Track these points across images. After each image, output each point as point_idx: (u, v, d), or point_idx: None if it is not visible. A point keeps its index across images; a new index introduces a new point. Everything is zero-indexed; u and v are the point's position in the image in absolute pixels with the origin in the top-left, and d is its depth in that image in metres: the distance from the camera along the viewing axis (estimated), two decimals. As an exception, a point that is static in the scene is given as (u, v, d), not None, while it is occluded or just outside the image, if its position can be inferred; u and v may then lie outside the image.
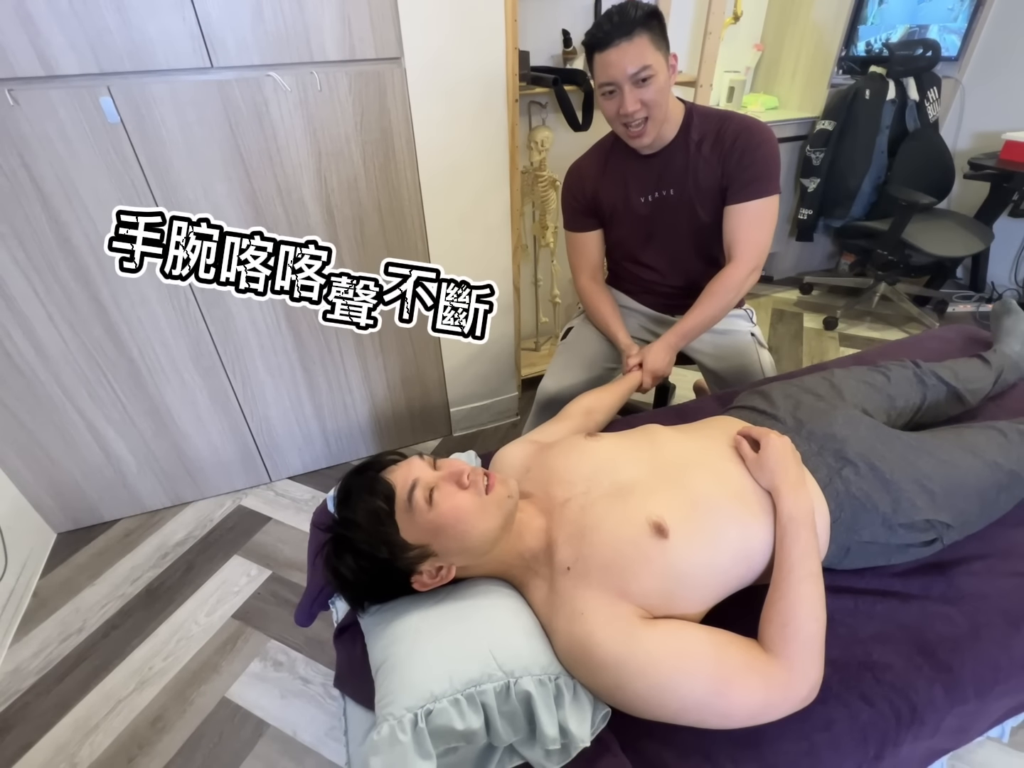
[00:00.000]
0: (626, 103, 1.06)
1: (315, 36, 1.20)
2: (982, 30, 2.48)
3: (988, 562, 0.85)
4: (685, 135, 1.17)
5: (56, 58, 1.07)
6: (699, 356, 1.39)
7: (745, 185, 1.14)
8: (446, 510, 0.68)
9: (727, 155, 1.14)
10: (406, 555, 0.68)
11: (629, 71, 1.03)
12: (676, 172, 1.20)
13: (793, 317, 2.65)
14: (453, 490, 0.69)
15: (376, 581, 0.71)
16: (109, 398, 1.45)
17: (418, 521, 0.67)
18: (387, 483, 0.70)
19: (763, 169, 1.14)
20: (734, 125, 1.14)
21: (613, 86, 1.06)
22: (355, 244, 1.47)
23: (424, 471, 0.71)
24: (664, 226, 1.27)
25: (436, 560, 0.70)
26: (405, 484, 0.69)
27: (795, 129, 2.50)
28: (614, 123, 1.14)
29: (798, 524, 0.72)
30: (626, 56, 1.02)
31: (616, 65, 1.03)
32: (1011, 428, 0.94)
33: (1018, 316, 1.30)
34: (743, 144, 1.13)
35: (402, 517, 0.68)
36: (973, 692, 0.72)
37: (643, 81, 1.04)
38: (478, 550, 0.71)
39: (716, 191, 1.18)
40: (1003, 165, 2.27)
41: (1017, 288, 2.58)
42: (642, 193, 1.24)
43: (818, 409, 0.92)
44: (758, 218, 1.17)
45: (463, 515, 0.68)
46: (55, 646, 1.33)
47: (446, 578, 0.71)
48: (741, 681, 0.62)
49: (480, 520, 0.69)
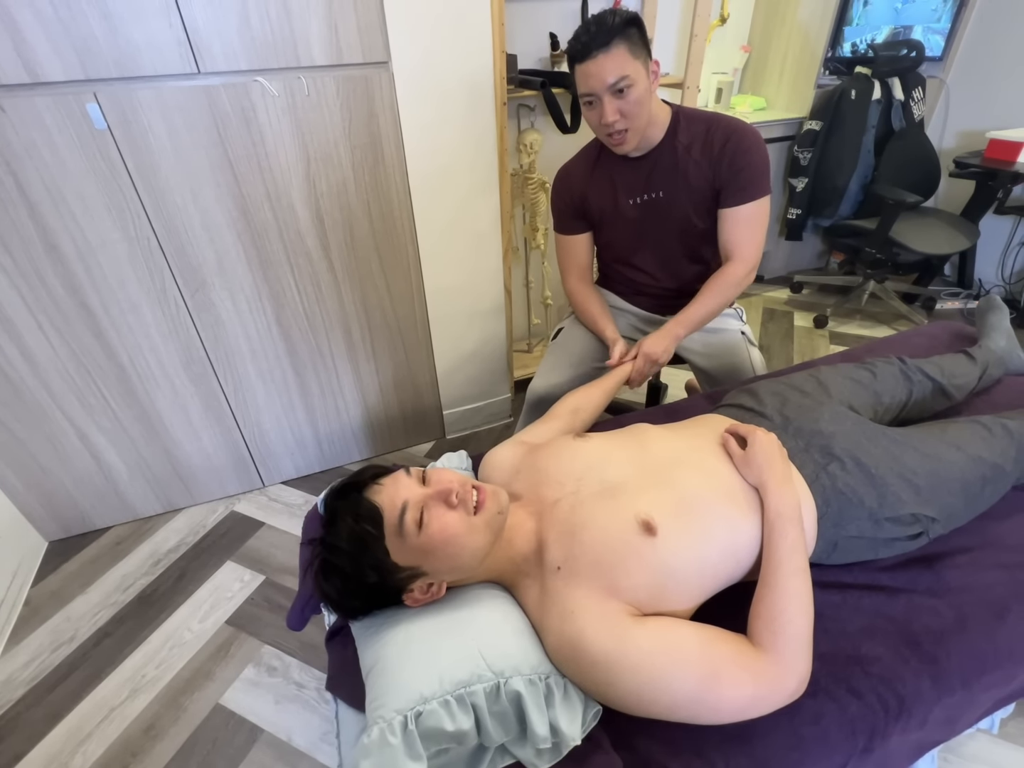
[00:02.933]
0: (606, 113, 1.07)
1: (302, 41, 1.20)
2: (965, 30, 2.51)
3: (973, 554, 0.86)
4: (672, 138, 1.18)
5: (42, 65, 1.07)
6: (690, 355, 1.40)
7: (739, 189, 1.16)
8: (435, 532, 0.66)
9: (718, 159, 1.15)
10: (396, 577, 0.68)
11: (608, 82, 1.03)
12: (665, 175, 1.21)
13: (784, 316, 2.67)
14: (442, 511, 0.68)
15: (367, 602, 0.70)
16: (99, 405, 1.45)
17: (408, 544, 0.66)
18: (374, 506, 0.67)
19: (756, 172, 1.16)
20: (722, 128, 1.15)
21: (592, 97, 1.07)
22: (345, 248, 1.47)
23: (411, 490, 0.69)
24: (654, 228, 1.28)
25: (427, 578, 0.69)
26: (394, 507, 0.67)
27: (783, 129, 2.52)
28: (597, 131, 1.16)
29: (785, 520, 0.72)
30: (604, 68, 1.02)
31: (595, 76, 1.03)
32: (994, 422, 0.95)
33: (1002, 312, 1.32)
34: (733, 148, 1.14)
35: (392, 540, 0.67)
36: (960, 683, 0.73)
37: (620, 92, 1.05)
38: (468, 567, 0.72)
39: (706, 193, 1.20)
40: (988, 163, 2.30)
41: (1004, 284, 2.61)
42: (631, 195, 1.25)
43: (805, 406, 0.93)
44: (754, 219, 1.20)
45: (453, 537, 0.67)
46: (47, 655, 1.32)
47: (437, 595, 0.71)
48: (731, 676, 0.62)
49: (470, 540, 0.69)
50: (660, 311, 1.41)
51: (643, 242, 1.31)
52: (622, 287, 1.44)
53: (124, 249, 1.28)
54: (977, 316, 1.36)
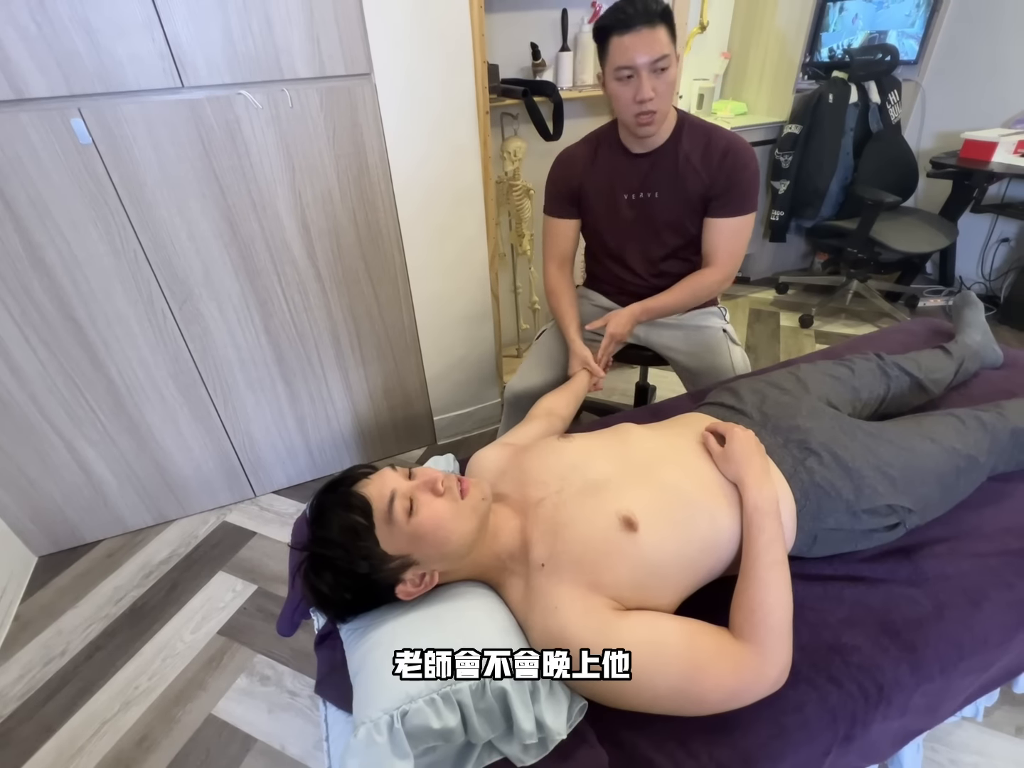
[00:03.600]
0: (643, 89, 1.06)
1: (284, 54, 1.22)
2: (938, 35, 2.57)
3: (950, 544, 0.88)
4: (676, 142, 1.21)
5: (26, 81, 1.08)
6: (671, 353, 1.42)
7: (730, 202, 1.20)
8: (425, 518, 0.69)
9: (716, 171, 1.19)
10: (388, 566, 0.69)
11: (650, 57, 1.04)
12: (664, 177, 1.23)
13: (770, 316, 2.70)
14: (429, 498, 0.70)
15: (358, 596, 0.71)
16: (88, 418, 1.45)
17: (398, 532, 0.68)
18: (363, 497, 0.69)
19: (747, 189, 1.20)
20: (723, 142, 1.19)
21: (631, 71, 1.06)
22: (332, 256, 1.48)
23: (399, 482, 0.71)
24: (645, 227, 1.30)
25: (418, 568, 0.71)
26: (382, 497, 0.69)
27: (764, 133, 2.56)
28: (627, 110, 1.12)
29: (763, 514, 0.74)
30: (648, 43, 1.03)
31: (637, 50, 1.04)
32: (968, 415, 0.97)
33: (977, 307, 1.34)
34: (731, 163, 1.18)
35: (382, 529, 0.68)
36: (938, 669, 0.75)
37: (660, 71, 1.06)
38: (458, 554, 0.73)
39: (700, 201, 1.23)
40: (963, 163, 2.35)
41: (984, 281, 2.65)
42: (627, 191, 1.27)
43: (783, 403, 0.95)
44: (738, 233, 1.24)
45: (441, 521, 0.69)
46: (38, 670, 1.31)
47: (430, 585, 0.72)
48: (713, 667, 0.64)
49: (458, 524, 0.71)
50: None
51: (632, 239, 1.33)
52: (607, 286, 1.45)
53: (111, 262, 1.29)
54: (953, 312, 1.39)
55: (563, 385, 1.21)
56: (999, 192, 2.47)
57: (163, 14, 1.10)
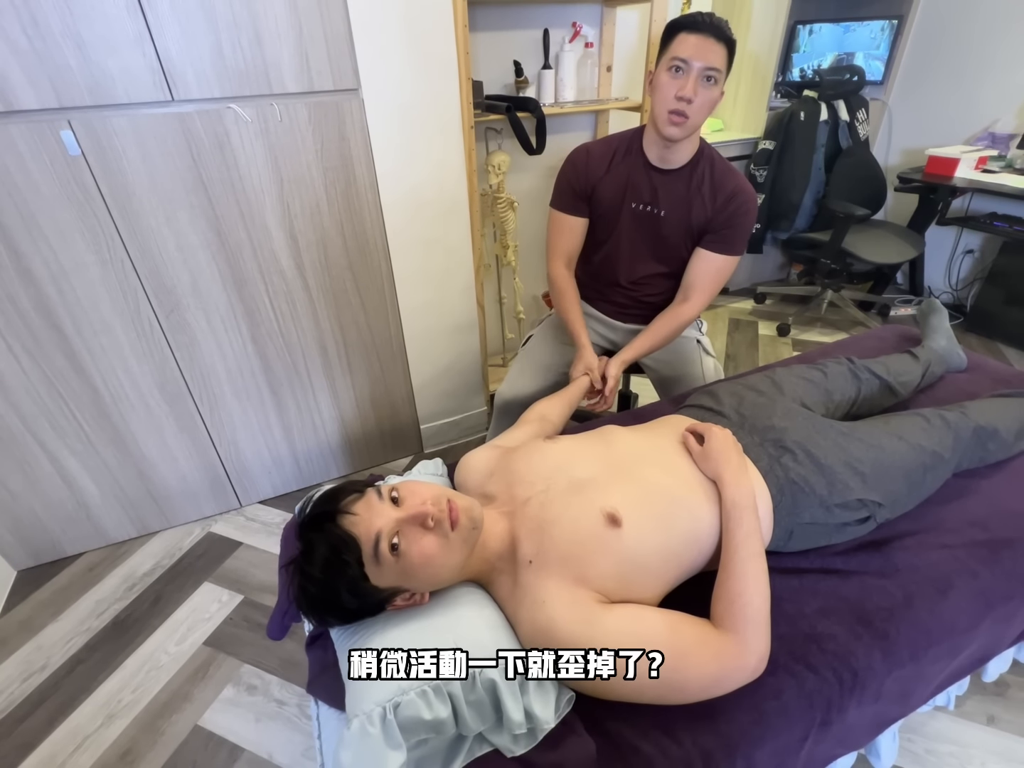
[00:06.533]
0: (689, 86, 1.08)
1: (274, 70, 1.25)
2: (903, 57, 2.69)
3: (918, 537, 0.92)
4: (693, 168, 1.24)
5: (16, 94, 1.09)
6: (647, 361, 1.46)
7: (723, 240, 1.25)
8: (415, 555, 0.67)
9: (720, 207, 1.23)
10: (377, 597, 0.69)
11: (705, 63, 1.07)
12: (673, 198, 1.26)
13: (748, 325, 2.78)
14: (418, 534, 0.68)
15: (348, 618, 0.72)
16: (72, 428, 1.44)
17: (387, 569, 0.68)
18: (349, 536, 0.66)
19: (743, 232, 1.26)
20: (734, 183, 1.23)
21: (685, 65, 1.08)
22: (319, 267, 1.50)
23: (384, 517, 0.68)
24: (643, 240, 1.32)
25: (408, 591, 0.71)
26: (369, 536, 0.66)
27: (740, 149, 2.65)
28: (665, 103, 1.12)
29: (741, 509, 0.77)
30: (709, 49, 1.07)
31: (698, 49, 1.06)
32: (934, 414, 1.02)
33: (942, 314, 1.41)
34: (736, 205, 1.22)
35: (370, 567, 0.67)
36: (908, 655, 0.78)
37: (708, 81, 1.09)
38: (447, 580, 0.74)
39: (698, 230, 1.27)
40: (928, 178, 2.46)
41: (951, 291, 2.76)
42: (637, 201, 1.29)
43: (759, 404, 0.99)
44: (720, 271, 1.29)
45: (431, 558, 0.69)
46: (16, 686, 1.29)
47: (420, 602, 0.73)
48: (695, 656, 0.66)
49: (448, 558, 0.70)
50: (620, 318, 1.46)
51: (627, 248, 1.35)
52: (591, 292, 1.47)
53: (98, 272, 1.29)
54: (920, 319, 1.45)
55: (560, 391, 1.22)
56: (963, 206, 2.58)
57: (154, 30, 1.13)
